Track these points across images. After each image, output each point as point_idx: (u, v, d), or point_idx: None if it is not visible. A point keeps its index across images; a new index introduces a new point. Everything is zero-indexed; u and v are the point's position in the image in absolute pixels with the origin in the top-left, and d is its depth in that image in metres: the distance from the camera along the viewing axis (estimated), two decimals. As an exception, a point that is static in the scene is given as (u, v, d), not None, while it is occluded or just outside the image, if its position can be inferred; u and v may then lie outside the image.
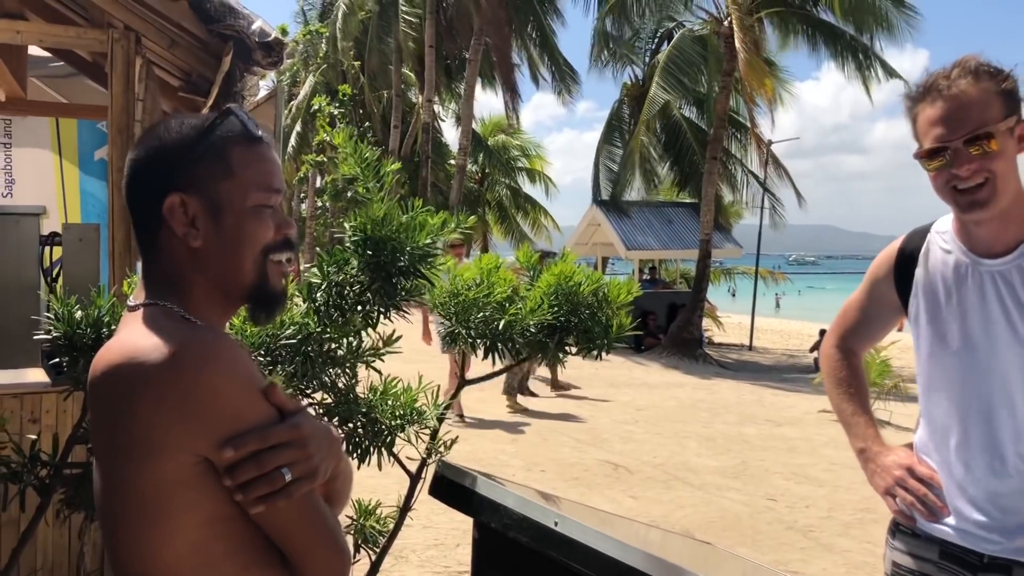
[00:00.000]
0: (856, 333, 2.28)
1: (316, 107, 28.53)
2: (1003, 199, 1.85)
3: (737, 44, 18.31)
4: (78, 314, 2.39)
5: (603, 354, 2.91)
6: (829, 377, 2.29)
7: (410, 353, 2.90)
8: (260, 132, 1.35)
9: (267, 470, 1.17)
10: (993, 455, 1.91)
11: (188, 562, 1.18)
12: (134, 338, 1.21)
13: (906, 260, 2.10)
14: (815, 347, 18.63)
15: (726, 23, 19.69)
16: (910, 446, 2.13)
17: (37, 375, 3.64)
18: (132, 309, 1.31)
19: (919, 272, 2.06)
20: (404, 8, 27.33)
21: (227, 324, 1.42)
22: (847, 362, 2.26)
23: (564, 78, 27.95)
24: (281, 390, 1.25)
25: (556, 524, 1.69)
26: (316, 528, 1.26)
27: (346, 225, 2.62)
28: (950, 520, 1.97)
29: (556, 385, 12.38)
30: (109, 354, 1.21)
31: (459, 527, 5.60)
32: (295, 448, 1.20)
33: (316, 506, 1.27)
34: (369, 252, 2.54)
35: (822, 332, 17.38)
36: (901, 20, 19.61)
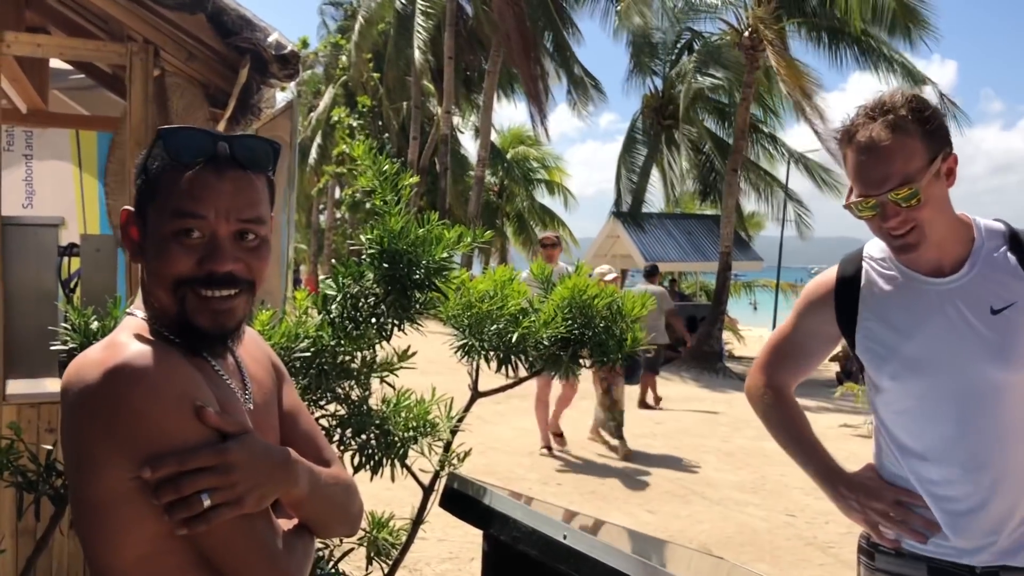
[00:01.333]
0: (788, 368, 2.21)
1: (336, 119, 28.74)
2: (935, 236, 1.85)
3: (768, 49, 18.21)
4: (94, 325, 2.40)
5: (617, 367, 2.90)
6: (766, 419, 2.20)
7: (424, 365, 2.89)
8: (198, 156, 1.25)
9: (184, 494, 1.15)
10: (977, 469, 1.89)
11: (139, 572, 1.19)
12: (91, 352, 1.22)
13: (846, 288, 2.06)
14: (834, 358, 18.46)
15: (747, 34, 19.64)
16: (869, 468, 2.08)
17: (54, 385, 3.66)
18: (127, 315, 1.34)
19: (864, 299, 2.02)
20: (420, 21, 27.45)
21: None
22: (781, 400, 2.19)
23: (586, 89, 27.91)
24: (217, 413, 1.21)
25: (565, 537, 1.68)
26: (252, 552, 1.24)
27: (362, 238, 2.62)
28: (936, 536, 1.94)
29: (643, 404, 12.35)
30: (72, 366, 1.22)
31: (474, 540, 5.57)
32: (216, 474, 1.17)
33: (254, 531, 1.24)
34: (385, 265, 2.55)
35: (846, 347, 17.25)
36: (917, 29, 19.46)
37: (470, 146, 36.15)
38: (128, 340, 1.22)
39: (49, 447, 2.52)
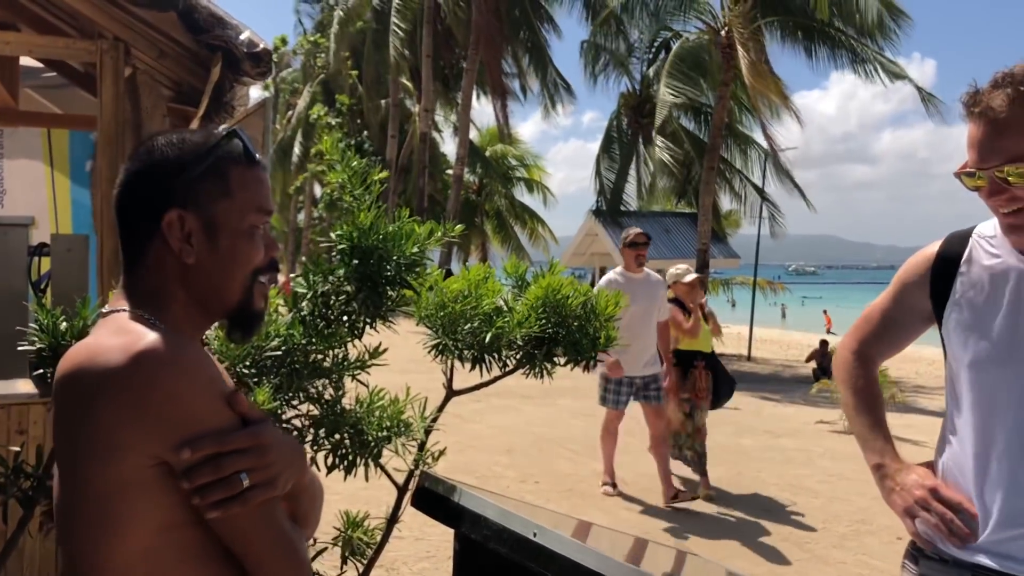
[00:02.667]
0: (879, 341, 2.13)
1: (314, 117, 28.62)
2: None
3: (740, 52, 18.32)
4: (63, 325, 2.38)
5: (592, 365, 2.90)
6: (845, 386, 2.13)
7: (399, 364, 2.89)
8: (258, 156, 1.38)
9: (224, 474, 1.17)
10: None
11: (138, 567, 1.18)
12: (100, 340, 1.22)
13: (945, 265, 1.95)
14: (811, 357, 18.59)
15: (723, 33, 19.74)
16: (928, 465, 1.99)
17: (24, 386, 3.62)
18: (106, 315, 1.32)
19: (962, 278, 1.91)
20: (396, 19, 27.37)
21: (200, 338, 1.42)
22: (865, 371, 2.11)
23: (558, 90, 27.95)
24: (245, 399, 1.25)
25: (535, 535, 1.68)
26: (274, 539, 1.26)
27: (332, 234, 2.61)
28: (985, 542, 1.82)
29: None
30: (74, 355, 1.21)
31: (451, 540, 5.56)
32: (254, 455, 1.21)
33: (276, 517, 1.27)
34: (356, 261, 2.54)
35: (822, 343, 17.37)
36: (893, 25, 19.60)
37: (449, 144, 36.15)
38: (140, 327, 1.22)
39: (17, 448, 2.50)
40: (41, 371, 2.40)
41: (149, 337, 1.19)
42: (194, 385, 1.18)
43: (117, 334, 1.21)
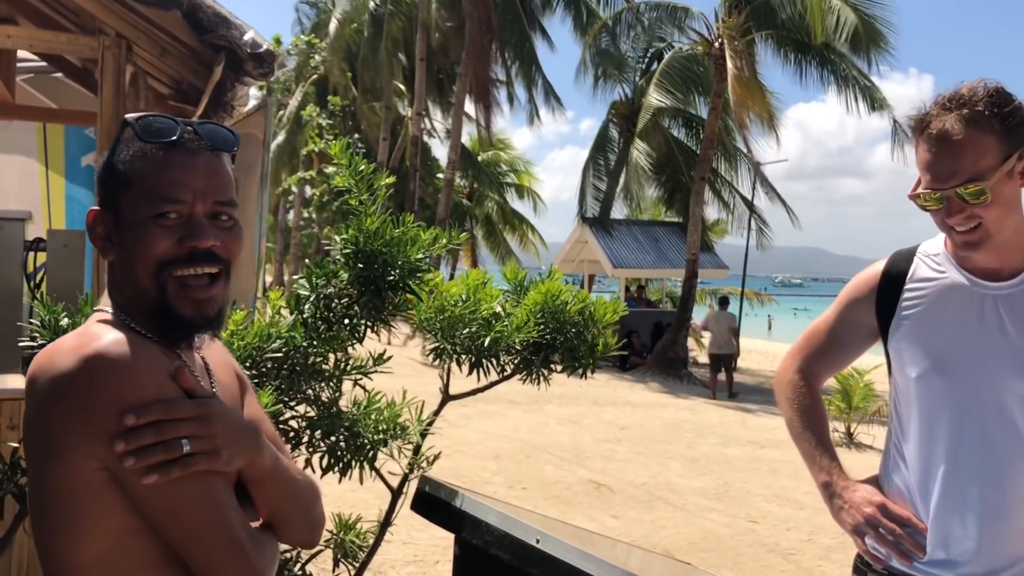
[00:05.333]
0: (822, 358, 2.15)
1: (307, 118, 28.55)
2: (998, 238, 1.79)
3: (728, 65, 18.41)
4: (64, 321, 2.37)
5: (588, 372, 2.91)
6: (789, 404, 2.12)
7: (395, 368, 2.89)
8: (169, 136, 1.26)
9: (165, 438, 1.15)
10: (988, 485, 1.82)
11: (96, 570, 1.17)
12: (62, 342, 1.22)
13: (891, 282, 2.00)
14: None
15: (716, 44, 19.83)
16: (873, 480, 2.01)
17: (17, 381, 3.60)
18: (95, 311, 1.32)
19: (908, 294, 1.96)
20: (387, 27, 27.41)
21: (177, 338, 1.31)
22: (809, 389, 2.11)
23: (549, 100, 27.97)
24: (190, 375, 1.24)
25: (538, 542, 1.69)
26: (220, 545, 1.21)
27: (336, 237, 2.61)
28: (931, 557, 1.86)
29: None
30: (39, 356, 1.21)
31: (439, 543, 5.57)
32: (197, 423, 1.19)
33: (222, 521, 1.22)
34: (360, 265, 2.54)
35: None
36: (881, 42, 19.66)
37: (440, 148, 36.13)
38: (101, 330, 1.21)
39: (15, 444, 2.49)
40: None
41: (102, 341, 1.18)
42: (140, 390, 1.16)
43: (78, 336, 1.21)
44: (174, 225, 1.24)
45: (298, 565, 2.81)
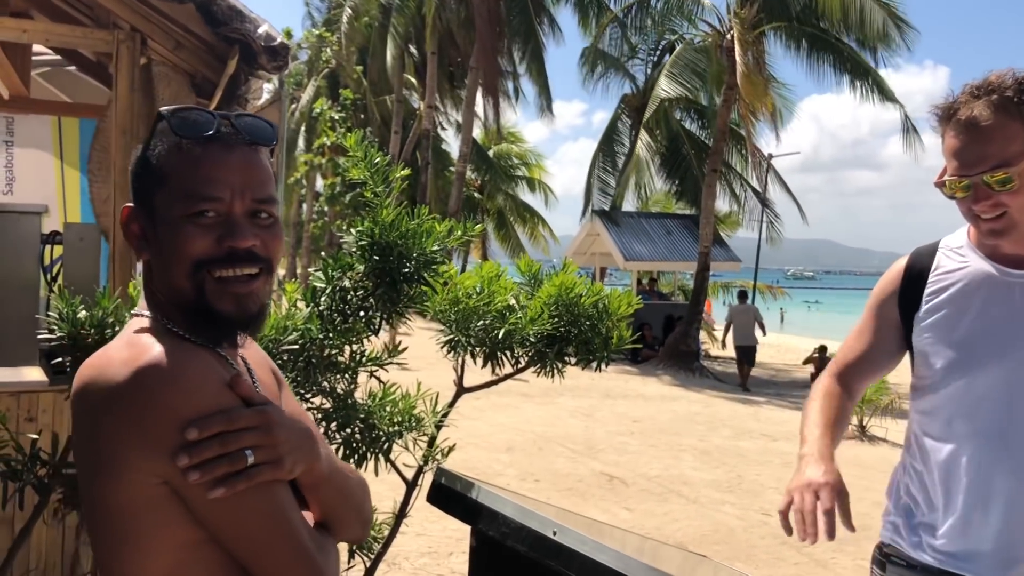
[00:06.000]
0: (859, 364, 2.10)
1: (318, 111, 28.58)
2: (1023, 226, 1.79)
3: (737, 59, 18.34)
4: (82, 314, 2.38)
5: (602, 365, 2.90)
6: (811, 399, 2.07)
7: (410, 360, 2.90)
8: (206, 131, 1.21)
9: (230, 449, 1.12)
10: (1012, 475, 1.81)
11: None
12: (110, 352, 1.18)
13: (915, 278, 2.00)
14: (808, 360, 18.60)
15: (728, 36, 19.74)
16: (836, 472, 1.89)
17: (35, 374, 3.63)
18: (134, 316, 1.28)
19: (931, 287, 1.96)
20: (397, 17, 27.39)
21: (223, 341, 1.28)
22: (837, 388, 2.07)
23: (552, 95, 27.95)
24: (249, 382, 1.20)
25: (555, 534, 1.69)
26: (288, 554, 1.18)
27: (351, 230, 2.62)
28: (952, 548, 1.86)
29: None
30: (87, 366, 1.18)
31: (452, 535, 5.59)
32: (260, 432, 1.15)
33: (289, 530, 1.19)
34: (376, 257, 2.55)
35: (820, 348, 17.38)
36: (897, 34, 19.64)
37: (452, 142, 36.13)
38: (146, 338, 1.17)
39: (34, 436, 2.51)
40: (59, 359, 2.42)
41: (152, 352, 1.14)
42: (198, 401, 1.12)
43: (125, 347, 1.17)
44: (211, 224, 1.20)
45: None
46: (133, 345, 1.16)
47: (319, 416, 2.66)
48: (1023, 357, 1.82)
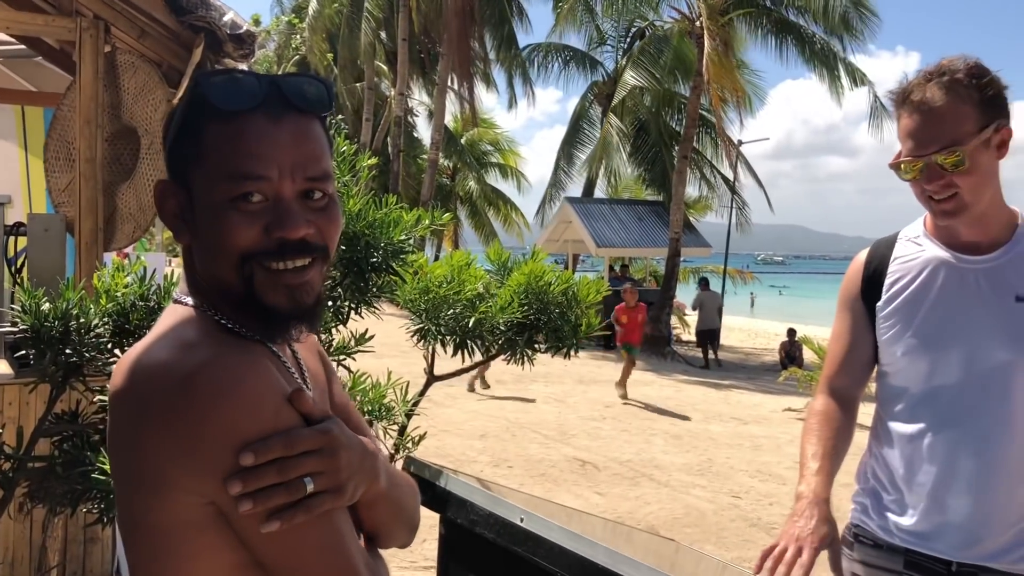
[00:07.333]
0: (844, 368, 2.09)
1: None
2: (975, 208, 1.83)
3: (706, 45, 18.42)
4: (45, 306, 2.36)
5: (572, 353, 2.93)
6: (807, 426, 2.06)
7: (380, 348, 2.90)
8: (249, 104, 1.04)
9: (289, 477, 0.98)
10: (975, 456, 1.85)
11: None
12: (157, 351, 1.03)
13: (875, 269, 2.04)
14: (782, 347, 18.77)
15: (698, 23, 19.80)
16: (831, 522, 1.86)
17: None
18: (175, 302, 1.13)
19: (891, 276, 2.00)
20: (368, 5, 27.23)
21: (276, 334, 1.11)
22: (830, 411, 2.04)
23: (527, 82, 27.93)
24: (308, 396, 1.05)
25: (522, 520, 1.71)
26: (340, 569, 1.05)
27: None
28: (917, 527, 1.90)
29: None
30: (132, 366, 1.04)
31: (425, 523, 5.57)
32: (322, 457, 1.01)
33: (348, 558, 1.06)
34: (343, 247, 2.55)
35: (790, 331, 17.55)
36: (858, 21, 19.86)
37: (424, 129, 35.98)
38: (199, 338, 1.03)
39: (-3, 430, 2.48)
40: (23, 352, 2.40)
41: (205, 357, 0.99)
42: (255, 420, 0.98)
43: (174, 346, 1.02)
44: (258, 210, 1.03)
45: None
46: (182, 345, 1.02)
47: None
48: (980, 341, 1.87)
